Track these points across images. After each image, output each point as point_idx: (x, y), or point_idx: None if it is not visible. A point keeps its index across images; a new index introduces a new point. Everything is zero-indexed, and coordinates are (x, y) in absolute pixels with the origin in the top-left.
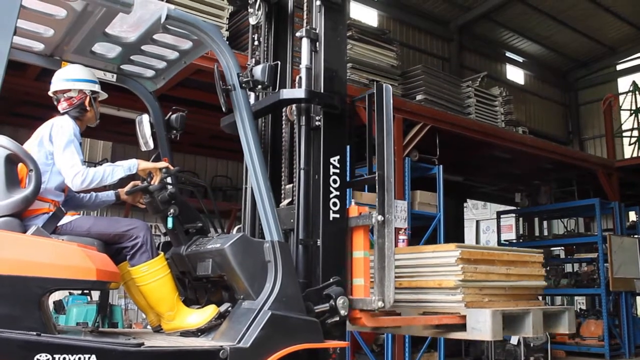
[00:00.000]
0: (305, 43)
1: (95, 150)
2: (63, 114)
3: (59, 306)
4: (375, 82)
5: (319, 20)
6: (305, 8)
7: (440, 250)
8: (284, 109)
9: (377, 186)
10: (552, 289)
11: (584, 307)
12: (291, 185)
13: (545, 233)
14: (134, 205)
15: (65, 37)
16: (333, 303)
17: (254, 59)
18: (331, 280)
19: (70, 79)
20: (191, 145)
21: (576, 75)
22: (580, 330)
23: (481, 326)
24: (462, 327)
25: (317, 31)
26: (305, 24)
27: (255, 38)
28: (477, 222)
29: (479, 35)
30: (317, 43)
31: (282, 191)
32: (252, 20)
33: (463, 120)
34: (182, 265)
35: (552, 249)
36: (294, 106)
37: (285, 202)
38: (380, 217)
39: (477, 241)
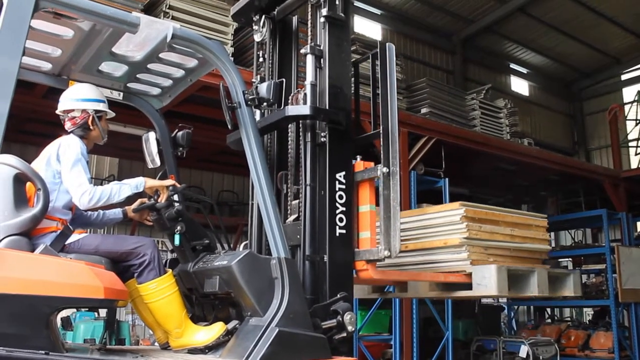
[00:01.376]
0: (309, 59)
1: (102, 167)
2: (69, 132)
3: (67, 322)
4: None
5: (323, 36)
6: (309, 24)
7: (445, 209)
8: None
9: (381, 139)
10: (560, 301)
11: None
12: (297, 201)
13: (553, 244)
14: (141, 223)
15: (73, 57)
16: (340, 319)
17: (259, 76)
18: (338, 295)
19: (73, 98)
20: (197, 161)
21: (581, 86)
22: (590, 342)
23: (487, 282)
24: (468, 286)
25: (321, 47)
26: (309, 40)
27: (260, 55)
28: None
29: (482, 48)
30: (322, 59)
31: (288, 207)
32: (257, 37)
33: (468, 133)
34: (189, 282)
35: (559, 260)
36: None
37: (291, 218)
38: (385, 169)
39: None
